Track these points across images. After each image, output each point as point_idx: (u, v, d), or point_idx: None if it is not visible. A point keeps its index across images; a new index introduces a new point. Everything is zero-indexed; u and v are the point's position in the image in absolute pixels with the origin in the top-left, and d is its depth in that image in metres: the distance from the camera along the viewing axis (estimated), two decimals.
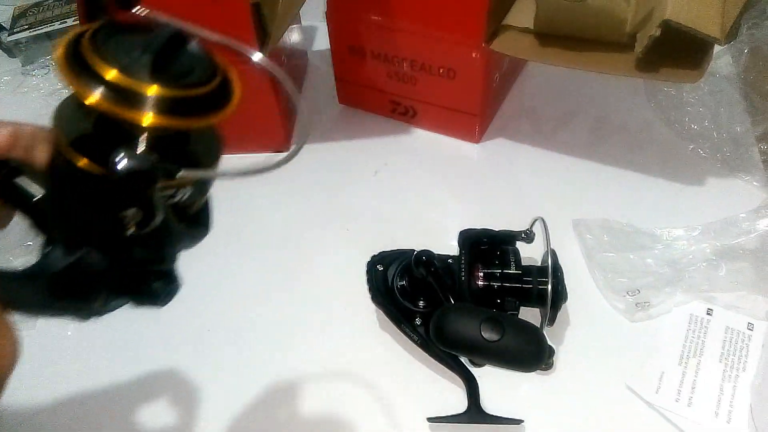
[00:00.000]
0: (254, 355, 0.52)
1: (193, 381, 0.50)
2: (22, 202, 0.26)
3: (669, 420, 0.46)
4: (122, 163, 0.22)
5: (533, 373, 0.48)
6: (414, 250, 0.50)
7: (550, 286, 0.47)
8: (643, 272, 0.53)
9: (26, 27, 0.86)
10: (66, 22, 0.86)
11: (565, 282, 0.48)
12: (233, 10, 0.55)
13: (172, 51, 0.23)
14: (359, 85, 0.71)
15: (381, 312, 0.52)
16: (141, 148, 0.23)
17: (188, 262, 0.30)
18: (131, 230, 0.24)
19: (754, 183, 0.61)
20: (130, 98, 0.22)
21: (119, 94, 0.22)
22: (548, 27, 0.56)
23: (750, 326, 0.51)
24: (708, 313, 0.52)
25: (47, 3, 0.90)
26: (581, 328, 0.52)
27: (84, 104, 0.22)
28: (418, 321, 0.49)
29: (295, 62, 0.74)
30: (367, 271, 0.52)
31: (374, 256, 0.53)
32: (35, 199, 0.25)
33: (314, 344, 0.52)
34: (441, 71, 0.64)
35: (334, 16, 0.66)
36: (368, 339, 0.52)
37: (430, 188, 0.65)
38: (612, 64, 0.54)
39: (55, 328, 0.53)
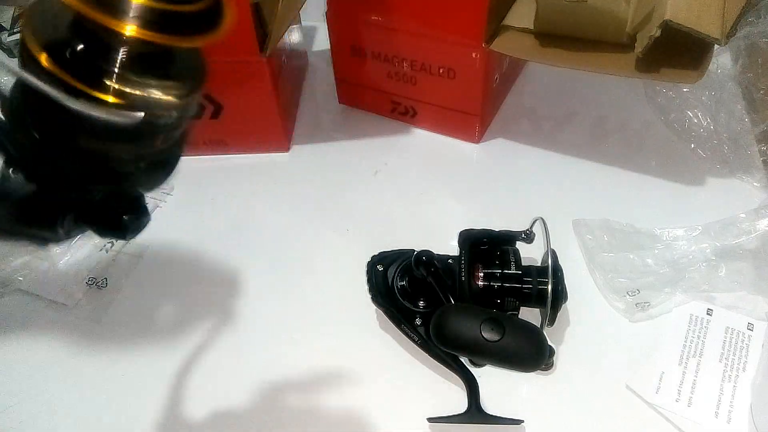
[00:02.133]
0: (254, 354, 0.52)
1: (193, 381, 0.50)
2: None
3: (669, 420, 0.46)
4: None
5: (533, 373, 0.48)
6: (414, 250, 0.50)
7: (550, 287, 0.47)
8: (643, 272, 0.53)
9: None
10: None
11: (565, 282, 0.48)
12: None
13: None
14: (359, 85, 0.71)
15: (381, 312, 0.52)
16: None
17: (188, 262, 0.30)
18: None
19: (754, 183, 0.61)
20: (113, 3, 0.20)
21: None
22: (548, 27, 0.56)
23: (750, 326, 0.51)
24: (708, 314, 0.52)
25: None
26: (581, 328, 0.52)
27: (63, 3, 0.20)
28: (418, 321, 0.49)
29: (295, 62, 0.74)
30: (367, 271, 0.52)
31: (374, 256, 0.53)
32: None
33: (314, 344, 0.52)
34: (441, 71, 0.64)
35: (334, 16, 0.66)
36: (368, 339, 0.52)
37: (430, 188, 0.65)
38: (612, 64, 0.54)
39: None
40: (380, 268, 0.52)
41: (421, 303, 0.50)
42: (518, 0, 0.61)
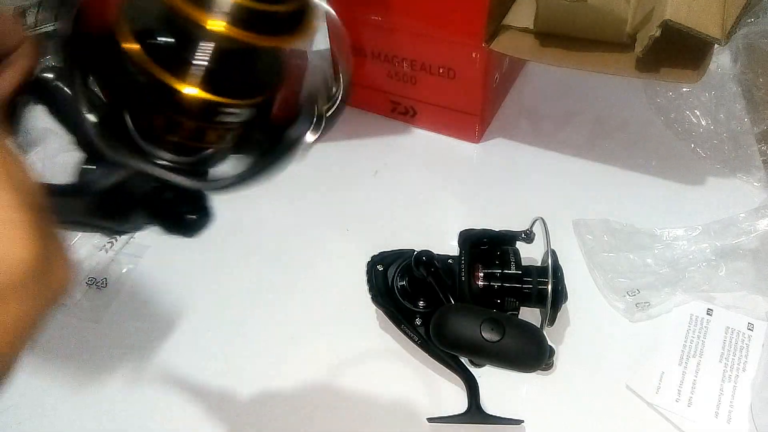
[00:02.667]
0: (254, 354, 0.52)
1: (193, 381, 0.50)
2: (64, 116, 0.24)
3: (669, 420, 0.46)
4: None
5: (533, 373, 0.48)
6: (414, 250, 0.50)
7: (550, 287, 0.47)
8: (643, 272, 0.53)
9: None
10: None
11: (565, 282, 0.48)
12: None
13: None
14: (359, 85, 0.71)
15: (381, 312, 0.52)
16: None
17: (188, 262, 0.30)
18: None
19: (754, 183, 0.61)
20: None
21: None
22: (548, 27, 0.56)
23: (750, 326, 0.51)
24: (708, 313, 0.52)
25: (48, 3, 0.90)
26: (581, 328, 0.52)
27: None
28: (418, 321, 0.49)
29: (295, 62, 0.74)
30: (367, 272, 0.52)
31: (374, 256, 0.53)
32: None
33: (314, 344, 0.52)
34: (441, 71, 0.64)
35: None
36: (368, 339, 0.52)
37: (430, 188, 0.65)
38: (612, 64, 0.54)
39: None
40: (380, 268, 0.52)
41: (421, 303, 0.50)
42: (518, 0, 0.61)
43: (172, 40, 0.22)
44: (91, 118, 0.23)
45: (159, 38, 0.22)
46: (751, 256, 0.53)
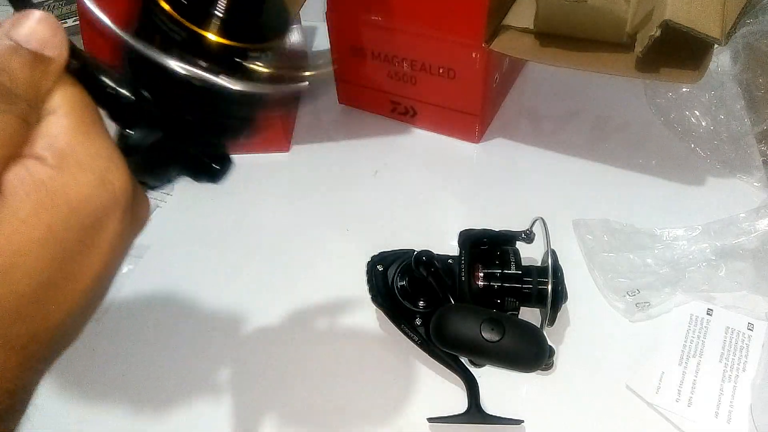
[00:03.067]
0: (253, 354, 0.52)
1: (192, 381, 0.50)
2: (100, 93, 0.26)
3: (669, 420, 0.46)
4: None
5: (533, 373, 0.48)
6: (414, 251, 0.50)
7: (550, 287, 0.47)
8: (643, 272, 0.53)
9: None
10: (66, 22, 0.86)
11: (565, 282, 0.49)
12: None
13: None
14: (359, 85, 0.71)
15: (381, 312, 0.52)
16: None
17: (188, 262, 0.31)
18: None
19: (754, 183, 0.61)
20: None
21: None
22: (548, 27, 0.56)
23: (750, 326, 0.51)
24: (708, 313, 0.52)
25: (48, 3, 0.90)
26: (581, 328, 0.52)
27: None
28: (418, 321, 0.49)
29: (295, 62, 0.74)
30: (367, 272, 0.52)
31: (374, 256, 0.53)
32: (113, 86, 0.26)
33: (314, 344, 0.52)
34: (441, 71, 0.64)
35: (334, 16, 0.66)
36: (368, 339, 0.52)
37: (430, 188, 0.65)
38: (612, 64, 0.54)
39: None
40: (380, 268, 0.52)
41: (421, 303, 0.50)
42: (518, 0, 0.61)
43: None
44: (122, 91, 0.26)
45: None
46: (751, 256, 0.53)
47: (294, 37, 0.73)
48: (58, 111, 0.22)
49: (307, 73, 0.29)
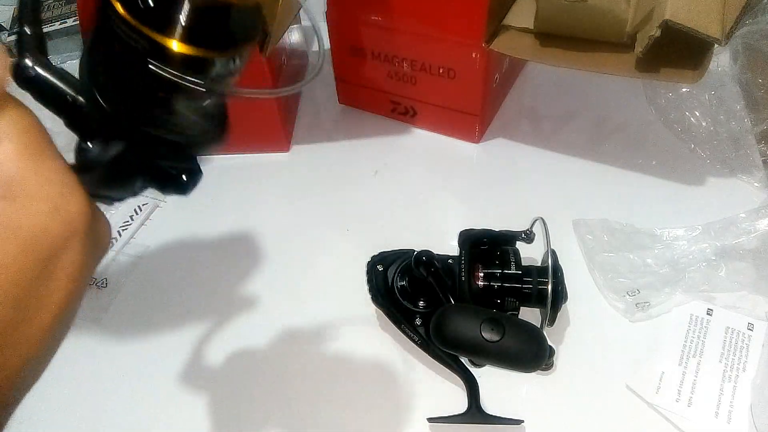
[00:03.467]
0: (253, 354, 0.52)
1: (192, 381, 0.50)
2: (57, 100, 0.25)
3: (669, 420, 0.46)
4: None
5: (533, 373, 0.48)
6: (414, 251, 0.50)
7: (550, 287, 0.47)
8: (643, 272, 0.53)
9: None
10: (66, 22, 0.86)
11: (565, 282, 0.48)
12: None
13: None
14: (359, 85, 0.71)
15: (381, 312, 0.52)
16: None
17: (188, 263, 0.30)
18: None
19: (754, 183, 0.61)
20: None
21: None
22: (548, 27, 0.56)
23: (750, 326, 0.51)
24: (708, 313, 0.52)
25: (48, 3, 0.90)
26: (581, 328, 0.52)
27: None
28: (418, 321, 0.49)
29: (295, 62, 0.74)
30: (368, 272, 0.52)
31: (374, 256, 0.53)
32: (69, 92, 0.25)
33: (314, 344, 0.52)
34: (441, 71, 0.64)
35: (334, 16, 0.66)
36: (368, 339, 0.52)
37: (430, 188, 0.65)
38: (612, 64, 0.54)
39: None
40: (380, 268, 0.52)
41: (421, 303, 0.50)
42: (518, 0, 0.61)
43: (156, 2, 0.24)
44: (79, 98, 0.25)
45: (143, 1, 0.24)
46: (751, 256, 0.53)
47: (294, 37, 0.73)
48: (2, 137, 0.20)
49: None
